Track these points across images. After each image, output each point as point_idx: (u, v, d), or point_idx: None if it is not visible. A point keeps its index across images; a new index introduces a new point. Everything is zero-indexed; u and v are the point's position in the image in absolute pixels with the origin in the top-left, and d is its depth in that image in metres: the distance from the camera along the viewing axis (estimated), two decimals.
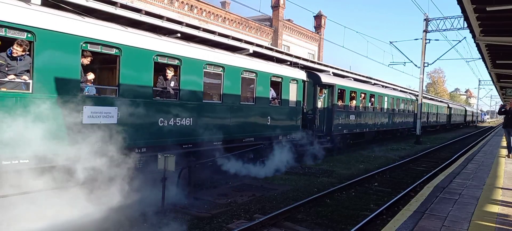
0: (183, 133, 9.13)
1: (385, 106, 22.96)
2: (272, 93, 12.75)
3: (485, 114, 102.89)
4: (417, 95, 28.33)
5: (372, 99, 21.02)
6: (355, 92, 18.62)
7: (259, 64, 11.94)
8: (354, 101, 18.58)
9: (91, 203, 6.60)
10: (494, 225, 5.52)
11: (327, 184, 10.80)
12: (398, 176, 12.82)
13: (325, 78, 15.40)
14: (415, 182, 11.12)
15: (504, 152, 15.23)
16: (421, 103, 27.14)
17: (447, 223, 5.55)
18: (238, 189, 9.62)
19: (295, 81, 13.64)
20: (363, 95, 19.73)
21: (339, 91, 16.68)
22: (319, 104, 15.46)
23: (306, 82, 14.47)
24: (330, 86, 15.92)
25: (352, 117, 18.18)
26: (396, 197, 9.15)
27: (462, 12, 8.05)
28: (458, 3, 7.42)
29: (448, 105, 46.45)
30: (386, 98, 23.11)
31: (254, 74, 11.57)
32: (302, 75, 14.25)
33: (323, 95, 15.94)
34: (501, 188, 8.26)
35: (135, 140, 7.99)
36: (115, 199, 6.84)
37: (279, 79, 12.85)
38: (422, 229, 5.23)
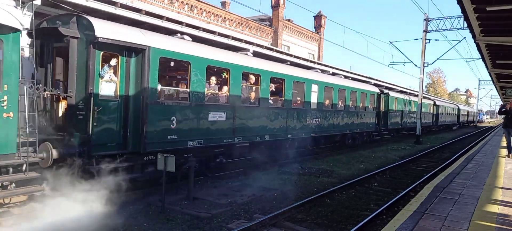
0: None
1: (314, 101, 14.87)
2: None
3: (483, 114, 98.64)
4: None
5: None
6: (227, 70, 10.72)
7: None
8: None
9: None
10: (494, 225, 5.52)
11: (327, 184, 10.80)
12: (398, 176, 12.81)
13: None
14: (415, 182, 11.12)
15: (504, 152, 15.23)
16: (421, 104, 27.14)
17: (447, 223, 5.55)
18: (238, 189, 9.62)
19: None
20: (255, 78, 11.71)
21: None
22: None
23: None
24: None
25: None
26: (396, 197, 9.15)
27: (462, 12, 8.05)
28: (458, 3, 7.42)
29: (434, 102, 38.76)
30: (314, 87, 14.78)
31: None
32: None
33: None
34: (501, 188, 8.26)
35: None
36: None
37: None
38: (422, 229, 5.23)
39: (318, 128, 15.18)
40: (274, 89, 12.58)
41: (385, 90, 24.34)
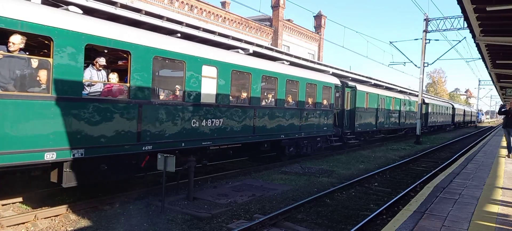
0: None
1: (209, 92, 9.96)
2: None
3: (482, 114, 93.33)
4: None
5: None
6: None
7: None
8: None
9: None
10: (494, 225, 5.52)
11: (327, 184, 10.80)
12: (398, 176, 12.81)
13: None
14: (415, 182, 11.12)
15: (504, 152, 15.23)
16: (421, 104, 27.13)
17: (447, 223, 5.54)
18: (238, 189, 9.62)
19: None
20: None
21: None
22: None
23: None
24: None
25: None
26: (396, 197, 9.15)
27: (462, 12, 8.05)
28: (458, 3, 7.42)
29: (423, 100, 31.85)
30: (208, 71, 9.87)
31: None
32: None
33: None
34: (501, 188, 8.26)
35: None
36: None
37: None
38: (422, 229, 5.23)
39: (220, 132, 10.00)
40: None
41: (351, 83, 19.25)
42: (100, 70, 7.79)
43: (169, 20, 10.05)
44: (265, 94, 12.51)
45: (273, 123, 12.32)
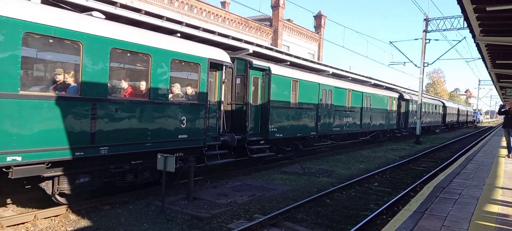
0: None
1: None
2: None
3: (480, 114, 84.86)
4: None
5: None
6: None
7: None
8: None
9: None
10: (494, 225, 5.52)
11: (327, 184, 10.80)
12: (398, 176, 12.81)
13: None
14: (415, 182, 11.12)
15: (504, 152, 15.23)
16: (421, 103, 27.13)
17: (447, 223, 5.54)
18: (238, 189, 9.62)
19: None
20: None
21: None
22: None
23: None
24: None
25: None
26: (396, 197, 9.15)
27: (462, 12, 8.05)
28: (458, 3, 7.42)
29: (401, 96, 26.50)
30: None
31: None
32: None
33: None
34: (501, 188, 8.26)
35: None
36: None
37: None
38: (422, 229, 5.23)
39: None
40: None
41: (261, 64, 12.51)
42: None
43: (169, 20, 10.05)
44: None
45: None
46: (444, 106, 41.03)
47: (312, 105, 15.14)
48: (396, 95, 26.20)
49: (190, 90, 9.36)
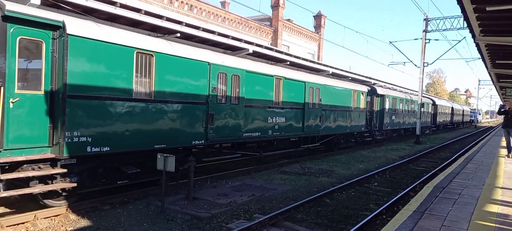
0: None
1: None
2: None
3: (478, 113, 78.73)
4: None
5: None
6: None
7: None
8: None
9: None
10: (494, 225, 5.52)
11: (327, 184, 10.80)
12: (397, 176, 12.82)
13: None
14: (415, 182, 11.12)
15: (504, 152, 15.23)
16: (421, 103, 27.14)
17: (447, 223, 5.55)
18: (238, 189, 9.62)
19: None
20: None
21: None
22: None
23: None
24: None
25: None
26: (396, 197, 9.15)
27: (462, 12, 8.05)
28: (458, 3, 7.42)
29: (374, 91, 21.28)
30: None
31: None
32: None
33: None
34: (501, 188, 8.26)
35: None
36: None
37: None
38: (422, 229, 5.23)
39: None
40: None
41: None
42: None
43: (169, 20, 10.04)
44: None
45: None
46: (435, 105, 36.01)
47: (191, 97, 9.40)
48: (365, 89, 20.30)
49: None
